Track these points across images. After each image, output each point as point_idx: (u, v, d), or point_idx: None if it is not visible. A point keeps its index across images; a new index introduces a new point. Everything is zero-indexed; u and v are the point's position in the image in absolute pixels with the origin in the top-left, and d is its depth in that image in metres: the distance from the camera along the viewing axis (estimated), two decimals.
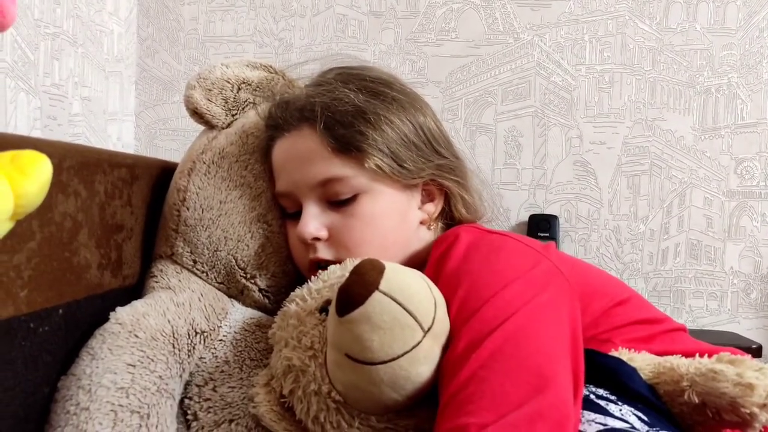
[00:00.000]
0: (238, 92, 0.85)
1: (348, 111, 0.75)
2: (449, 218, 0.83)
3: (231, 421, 0.70)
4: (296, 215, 0.78)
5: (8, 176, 0.38)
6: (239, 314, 0.80)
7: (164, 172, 0.87)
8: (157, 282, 0.80)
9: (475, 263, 0.66)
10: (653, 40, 1.47)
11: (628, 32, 1.47)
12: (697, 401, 0.58)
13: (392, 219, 0.77)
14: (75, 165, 0.66)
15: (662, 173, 1.47)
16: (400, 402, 0.61)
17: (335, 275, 0.70)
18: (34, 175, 0.39)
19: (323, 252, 0.75)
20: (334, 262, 0.74)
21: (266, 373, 0.70)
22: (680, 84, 1.46)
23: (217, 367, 0.74)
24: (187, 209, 0.81)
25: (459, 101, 1.51)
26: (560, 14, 1.49)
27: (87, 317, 0.70)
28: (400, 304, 0.57)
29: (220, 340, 0.76)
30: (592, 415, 0.56)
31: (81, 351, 0.67)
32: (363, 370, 0.58)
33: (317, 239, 0.75)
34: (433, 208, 0.81)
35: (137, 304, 0.73)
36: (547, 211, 1.49)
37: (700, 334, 1.24)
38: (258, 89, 0.86)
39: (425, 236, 0.80)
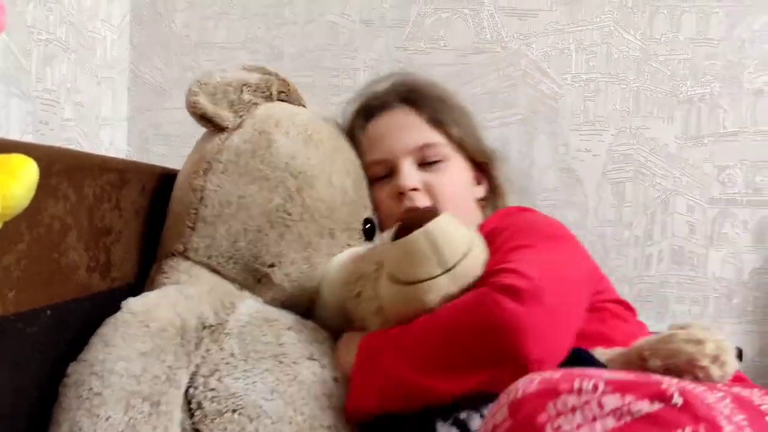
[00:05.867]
0: (241, 94, 0.88)
1: (435, 96, 1.01)
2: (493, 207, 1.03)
3: (234, 410, 0.73)
4: (385, 178, 0.96)
5: None
6: (246, 308, 0.83)
7: (154, 176, 0.89)
8: (168, 278, 0.83)
9: (513, 218, 0.90)
10: (638, 50, 1.49)
11: (613, 42, 1.49)
12: (659, 364, 0.66)
13: (466, 185, 1.00)
14: (64, 169, 0.68)
15: (646, 180, 1.49)
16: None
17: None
18: (21, 178, 0.41)
19: (420, 200, 0.93)
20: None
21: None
22: (664, 93, 1.49)
23: (222, 359, 0.77)
24: (206, 207, 0.84)
25: None
26: (547, 24, 1.51)
27: (75, 318, 0.72)
28: (432, 243, 0.72)
29: (227, 333, 0.79)
30: None
31: (92, 338, 0.70)
32: (393, 288, 0.76)
33: (415, 189, 0.93)
34: (481, 190, 1.03)
35: (149, 296, 0.77)
36: None
37: None
38: (257, 90, 0.90)
39: (477, 213, 1.00)
